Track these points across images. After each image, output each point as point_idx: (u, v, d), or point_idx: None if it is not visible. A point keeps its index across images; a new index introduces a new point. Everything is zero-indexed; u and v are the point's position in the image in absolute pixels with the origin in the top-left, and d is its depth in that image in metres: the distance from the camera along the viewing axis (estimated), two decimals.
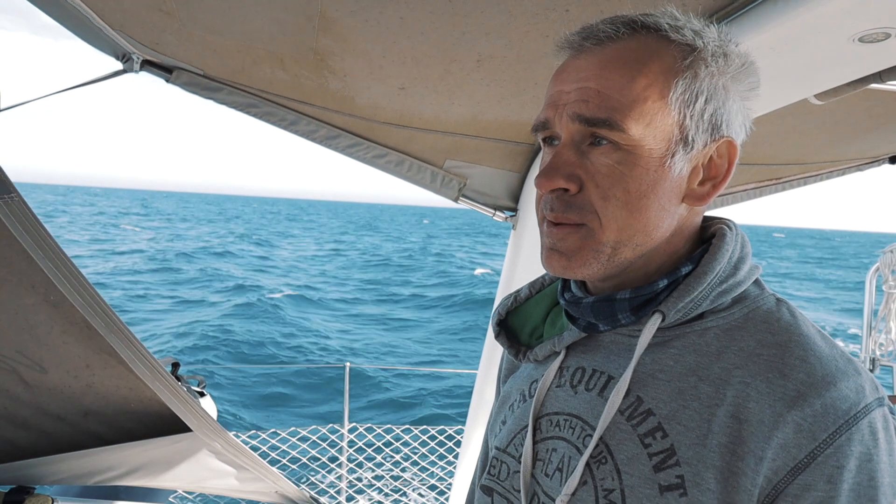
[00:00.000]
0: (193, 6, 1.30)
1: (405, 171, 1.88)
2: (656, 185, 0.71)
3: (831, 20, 1.08)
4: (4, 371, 1.72)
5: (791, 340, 0.69)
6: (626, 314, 0.76)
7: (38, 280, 1.52)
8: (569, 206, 0.72)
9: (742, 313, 0.74)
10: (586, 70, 0.72)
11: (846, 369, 0.67)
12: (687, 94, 0.71)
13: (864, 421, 0.64)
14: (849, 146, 2.30)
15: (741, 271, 0.76)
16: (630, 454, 0.70)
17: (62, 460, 1.89)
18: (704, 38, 0.72)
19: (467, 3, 1.21)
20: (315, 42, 1.40)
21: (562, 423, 0.79)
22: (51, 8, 1.36)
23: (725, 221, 0.81)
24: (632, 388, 0.74)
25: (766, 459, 0.64)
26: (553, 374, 0.84)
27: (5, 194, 1.35)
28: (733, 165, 0.76)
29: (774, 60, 1.27)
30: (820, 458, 0.62)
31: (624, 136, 0.70)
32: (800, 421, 0.63)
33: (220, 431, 1.98)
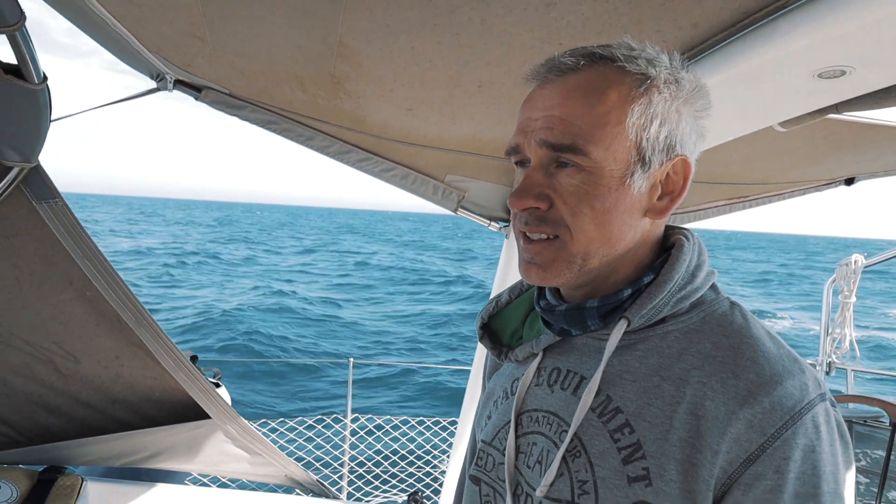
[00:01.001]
0: (225, 33, 1.33)
1: (409, 183, 1.92)
2: (618, 202, 0.74)
3: (793, 58, 1.13)
4: (41, 361, 1.74)
5: (742, 343, 0.72)
6: (594, 321, 0.78)
7: (76, 277, 1.55)
8: (542, 220, 0.75)
9: (699, 317, 0.77)
10: (550, 99, 0.74)
11: (791, 368, 0.69)
12: (642, 119, 0.73)
13: (808, 416, 0.67)
14: (809, 169, 2.36)
15: (698, 278, 0.79)
16: (601, 448, 0.72)
17: (91, 443, 1.91)
18: (657, 67, 0.75)
19: (471, 35, 1.26)
20: (333, 67, 1.44)
21: (541, 419, 0.81)
22: (93, 31, 1.39)
23: (683, 232, 0.84)
24: (602, 388, 0.76)
25: (721, 452, 0.66)
26: (532, 373, 0.86)
27: (50, 199, 1.39)
28: (688, 180, 0.79)
29: (743, 92, 1.31)
30: (769, 451, 0.65)
31: (586, 160, 0.72)
32: (750, 417, 0.66)
33: (236, 419, 2.00)
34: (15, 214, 1.40)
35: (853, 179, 2.63)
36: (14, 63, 0.95)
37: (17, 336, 1.67)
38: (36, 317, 1.64)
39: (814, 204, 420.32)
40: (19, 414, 1.84)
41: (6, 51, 0.95)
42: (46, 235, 1.42)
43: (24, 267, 1.53)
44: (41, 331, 1.68)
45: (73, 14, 1.32)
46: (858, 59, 1.13)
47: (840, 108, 1.44)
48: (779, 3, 1.10)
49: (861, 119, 1.84)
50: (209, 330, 15.72)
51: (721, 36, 1.22)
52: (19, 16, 0.87)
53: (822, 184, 2.56)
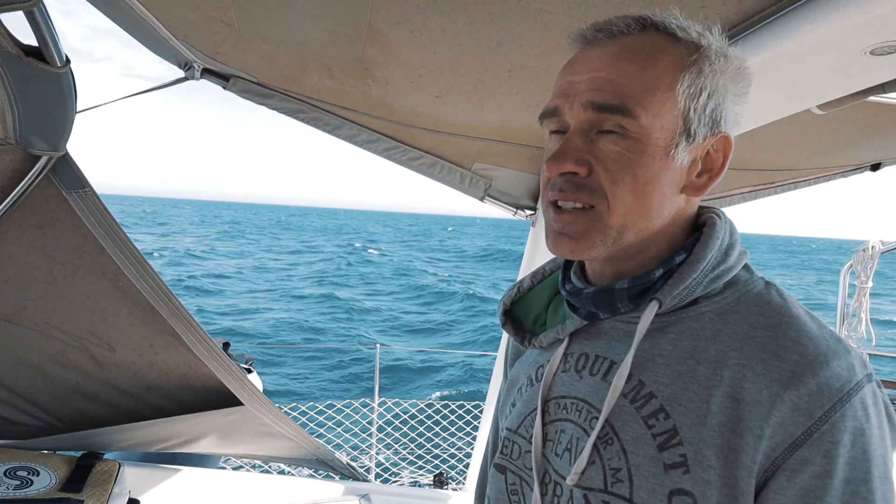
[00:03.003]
0: (253, 18, 1.24)
1: (437, 172, 1.82)
2: (660, 173, 0.68)
3: (846, 33, 1.01)
4: (77, 349, 1.69)
5: (782, 322, 0.66)
6: (624, 303, 0.72)
7: (108, 267, 1.48)
8: (579, 187, 0.68)
9: (734, 297, 0.70)
10: (598, 61, 0.68)
11: (836, 348, 0.63)
12: (692, 89, 0.67)
13: (857, 397, 0.61)
14: (838, 154, 2.22)
15: (731, 257, 0.72)
16: (635, 435, 0.67)
17: (128, 430, 1.85)
18: (708, 38, 0.69)
19: (505, 15, 1.15)
20: (361, 52, 1.34)
21: (569, 405, 0.75)
22: (122, 20, 1.31)
23: (715, 210, 0.77)
24: (633, 373, 0.70)
25: (764, 437, 0.60)
26: (559, 359, 0.80)
27: (80, 188, 1.31)
28: (728, 160, 0.72)
29: (788, 71, 1.20)
30: (816, 435, 0.59)
31: (633, 123, 0.66)
32: (796, 400, 0.60)
33: (267, 405, 1.94)
34: (45, 204, 1.33)
35: (879, 165, 2.48)
36: (34, 45, 0.86)
37: (53, 325, 1.61)
38: (70, 306, 1.57)
39: (790, 204, 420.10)
40: (57, 401, 1.78)
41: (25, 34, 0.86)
42: (77, 225, 1.35)
43: (57, 257, 1.47)
44: (76, 320, 1.62)
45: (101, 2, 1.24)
46: None
47: (886, 88, 1.32)
48: None
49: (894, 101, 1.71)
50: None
51: (769, 11, 1.11)
52: None
53: (849, 169, 2.41)
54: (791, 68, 1.18)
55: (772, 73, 1.22)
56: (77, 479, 1.63)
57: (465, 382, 10.79)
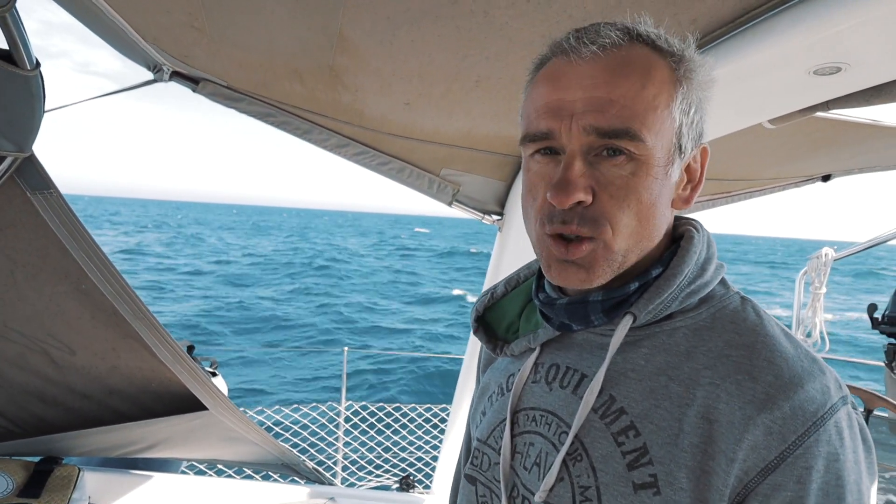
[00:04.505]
0: (224, 24, 1.27)
1: (405, 177, 1.86)
2: (661, 192, 0.66)
3: (791, 54, 1.09)
4: (36, 352, 1.67)
5: (758, 341, 0.65)
6: (598, 315, 0.70)
7: (72, 269, 1.48)
8: (582, 218, 0.64)
9: (709, 313, 0.69)
10: (593, 77, 0.63)
11: (811, 370, 0.62)
12: (684, 104, 0.66)
13: (831, 422, 0.60)
14: (790, 165, 2.34)
15: (708, 272, 0.71)
16: (604, 452, 0.65)
17: (88, 435, 1.83)
18: (689, 50, 0.68)
19: (472, 29, 1.20)
20: (332, 59, 1.38)
21: (538, 418, 0.74)
22: (90, 20, 1.32)
23: (692, 222, 0.75)
24: (605, 387, 0.68)
25: (737, 460, 0.59)
26: (528, 369, 0.78)
27: (45, 189, 1.31)
28: (705, 169, 0.72)
29: (738, 88, 1.28)
30: (790, 460, 0.58)
31: (640, 146, 0.63)
32: (769, 423, 0.59)
33: (232, 409, 1.94)
34: (8, 205, 1.32)
35: (829, 176, 2.63)
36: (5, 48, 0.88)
37: (12, 328, 1.59)
38: (31, 309, 1.56)
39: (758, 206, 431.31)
40: (15, 405, 1.76)
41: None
42: (41, 227, 1.34)
43: (19, 259, 1.46)
44: (36, 322, 1.60)
45: (69, 3, 1.24)
46: (854, 57, 1.10)
47: (831, 106, 1.41)
48: None
49: (842, 117, 1.82)
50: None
51: (719, 32, 1.18)
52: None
53: (801, 180, 2.54)
54: (742, 85, 1.26)
55: (724, 90, 1.30)
56: (35, 484, 1.61)
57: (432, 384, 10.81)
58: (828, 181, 2.64)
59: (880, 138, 1.98)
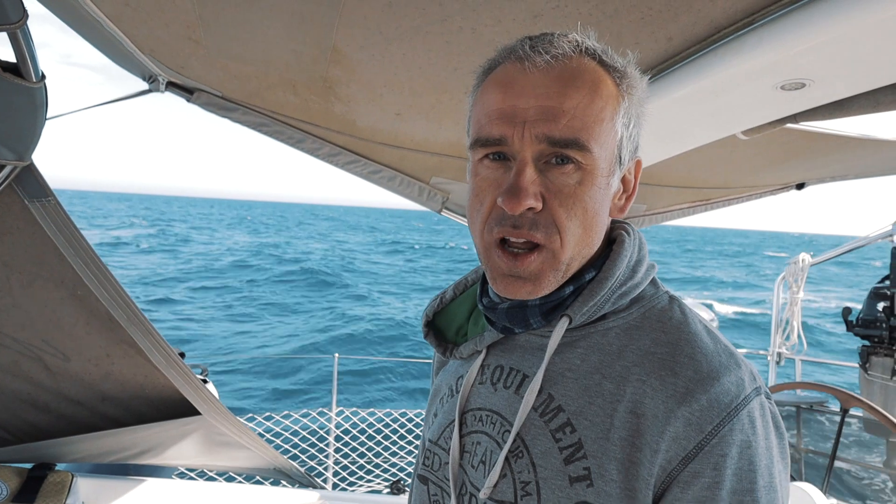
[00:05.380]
0: (221, 37, 1.31)
1: (396, 185, 1.91)
2: (604, 201, 0.69)
3: (759, 71, 1.16)
4: (30, 359, 1.68)
5: (681, 339, 0.68)
6: (536, 318, 0.73)
7: (68, 276, 1.50)
8: (534, 223, 0.66)
9: (640, 313, 0.73)
10: (545, 87, 0.65)
11: (728, 364, 0.66)
12: (626, 118, 0.69)
13: (744, 412, 0.64)
14: (765, 174, 2.42)
15: (638, 274, 0.74)
16: (543, 448, 0.68)
17: (81, 441, 1.85)
18: (630, 67, 0.70)
19: (461, 43, 1.26)
20: (325, 71, 1.42)
21: (484, 418, 0.77)
22: (87, 32, 1.35)
23: (625, 226, 0.79)
24: (544, 386, 0.71)
25: (660, 451, 0.63)
26: (476, 371, 0.81)
27: (42, 197, 1.34)
28: (638, 180, 0.76)
29: (712, 101, 1.34)
30: (707, 448, 0.62)
31: (588, 156, 0.65)
32: (688, 415, 0.63)
33: (225, 414, 1.96)
34: (6, 213, 1.35)
35: (804, 184, 2.72)
36: (12, 61, 0.91)
37: (6, 334, 1.61)
38: (25, 315, 1.58)
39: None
40: (8, 412, 1.77)
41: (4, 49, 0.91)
42: (38, 234, 1.37)
43: (15, 265, 1.48)
44: (30, 329, 1.62)
45: (66, 15, 1.28)
46: (818, 73, 1.17)
47: (798, 119, 1.48)
48: (747, 20, 1.13)
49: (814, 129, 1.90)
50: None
51: (693, 49, 1.25)
52: (22, 13, 0.84)
53: (777, 188, 2.63)
54: (715, 99, 1.33)
55: (698, 104, 1.37)
56: (29, 490, 1.62)
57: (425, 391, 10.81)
58: (802, 189, 2.74)
59: (850, 149, 2.06)
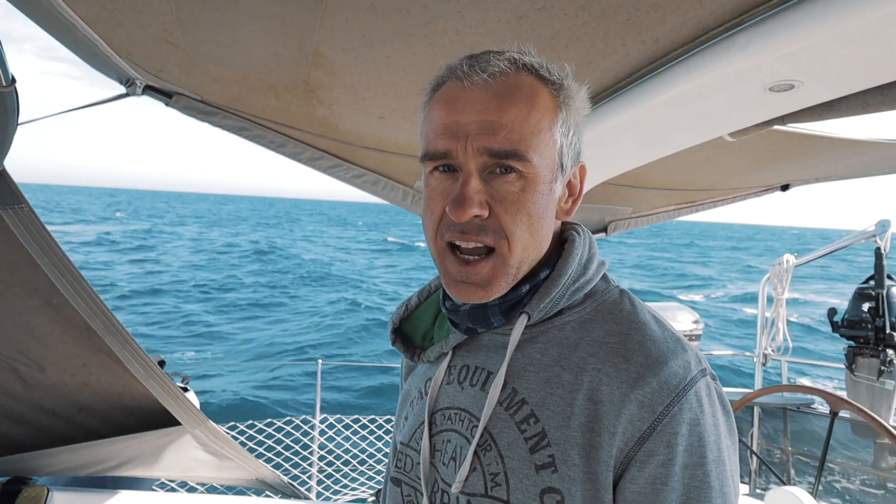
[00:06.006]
0: (199, 39, 1.28)
1: (380, 189, 1.88)
2: (547, 206, 0.74)
3: (747, 72, 1.15)
4: (4, 370, 1.63)
5: (631, 328, 0.73)
6: (497, 317, 0.77)
7: (42, 284, 1.46)
8: (482, 229, 0.71)
9: (593, 307, 0.78)
10: (484, 103, 0.70)
11: (675, 349, 0.71)
12: (564, 127, 0.74)
13: (692, 392, 0.68)
14: (751, 176, 2.43)
15: (590, 270, 0.80)
16: (510, 440, 0.72)
17: (57, 453, 1.80)
18: (567, 79, 0.75)
19: (444, 45, 1.24)
20: (307, 74, 1.40)
21: (453, 416, 0.80)
22: (62, 35, 1.31)
23: (575, 227, 0.84)
24: (507, 381, 0.75)
25: (617, 434, 0.67)
26: (443, 372, 0.84)
27: (15, 205, 1.30)
28: (584, 184, 0.81)
29: (699, 103, 1.34)
30: (659, 428, 0.66)
31: (528, 165, 0.70)
32: (641, 398, 0.67)
33: (206, 424, 1.92)
34: None
35: (788, 186, 2.74)
36: None
37: None
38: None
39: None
40: None
41: None
42: (11, 242, 1.33)
43: None
44: (3, 339, 1.57)
45: (40, 17, 1.24)
46: (806, 75, 1.16)
47: (786, 120, 1.48)
48: (735, 21, 1.12)
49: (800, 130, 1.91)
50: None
51: (681, 51, 1.24)
52: None
53: (762, 189, 2.65)
54: (703, 101, 1.32)
55: (687, 105, 1.36)
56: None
57: None
58: (787, 190, 2.75)
59: (835, 150, 2.07)
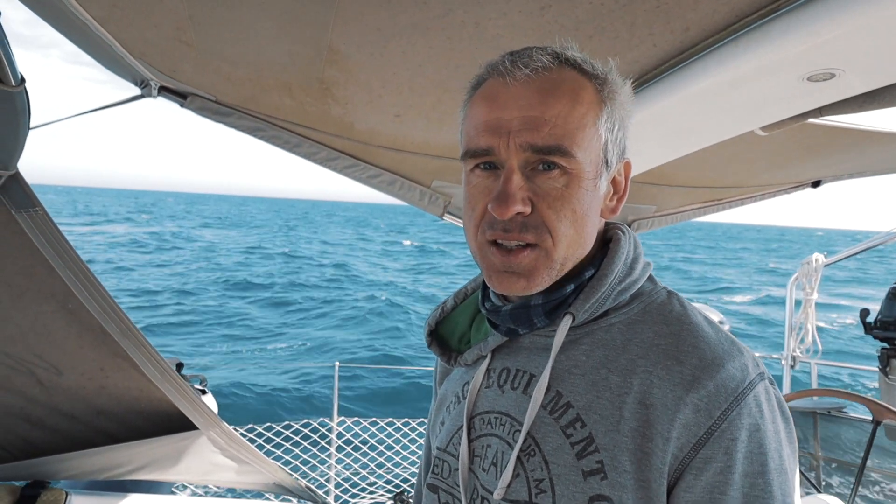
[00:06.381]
0: (213, 38, 1.25)
1: (397, 189, 1.85)
2: (592, 203, 0.72)
3: (785, 61, 1.09)
4: (22, 373, 1.63)
5: (683, 329, 0.70)
6: (540, 318, 0.75)
7: (58, 288, 1.45)
8: (524, 226, 0.70)
9: (640, 308, 0.75)
10: (526, 98, 0.69)
11: (731, 350, 0.68)
12: (609, 122, 0.72)
13: (751, 395, 0.65)
14: (781, 172, 2.35)
15: (636, 271, 0.77)
16: (555, 445, 0.70)
17: (76, 457, 1.79)
18: (611, 73, 0.74)
19: (463, 39, 1.20)
20: (321, 72, 1.36)
21: (493, 420, 0.78)
22: (76, 36, 1.30)
23: (619, 227, 0.82)
24: (551, 384, 0.73)
25: (672, 439, 0.64)
26: (482, 376, 0.82)
27: (30, 208, 1.28)
28: (629, 181, 0.79)
29: (731, 96, 1.28)
30: (717, 433, 0.63)
31: (572, 161, 0.69)
32: (697, 401, 0.64)
33: (223, 428, 1.91)
34: None
35: (819, 182, 2.64)
36: None
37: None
38: (16, 329, 1.53)
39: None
40: (1, 428, 1.72)
41: None
42: (26, 246, 1.32)
43: (3, 278, 1.43)
44: (21, 343, 1.57)
45: (53, 17, 1.23)
46: (847, 63, 1.10)
47: (823, 112, 1.41)
48: (772, 6, 1.06)
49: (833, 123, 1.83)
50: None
51: (712, 39, 1.18)
52: None
53: (792, 186, 2.56)
54: (735, 93, 1.26)
55: (718, 98, 1.30)
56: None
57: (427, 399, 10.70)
58: (818, 187, 2.66)
59: (871, 144, 1.99)
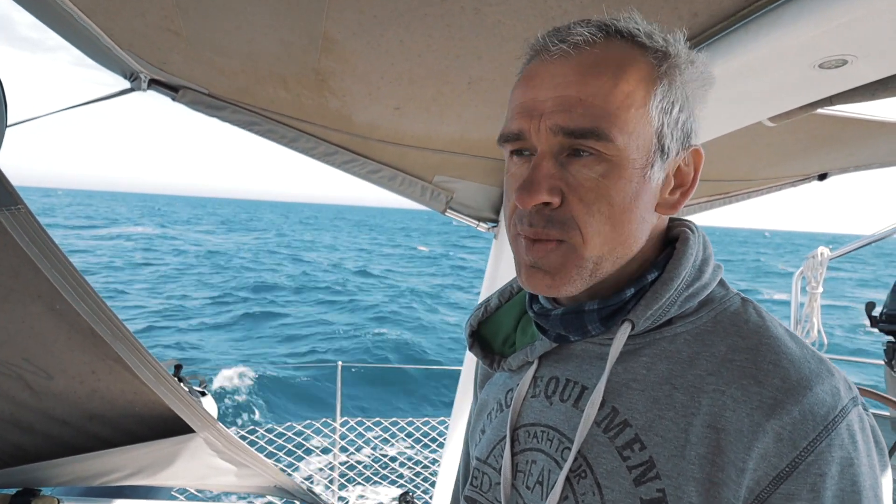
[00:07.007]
0: (201, 27, 1.21)
1: (397, 185, 1.80)
2: (638, 196, 0.63)
3: (796, 47, 1.05)
4: (10, 378, 1.59)
5: (762, 343, 0.61)
6: (595, 325, 0.67)
7: (45, 289, 1.40)
8: (549, 221, 0.62)
9: (710, 316, 0.66)
10: (563, 76, 0.62)
11: (819, 371, 0.59)
12: (665, 103, 0.63)
13: (843, 424, 0.57)
14: (788, 164, 2.31)
15: (706, 274, 0.68)
16: (609, 468, 0.62)
17: (68, 463, 1.75)
18: (676, 45, 0.65)
19: (463, 27, 1.15)
20: (317, 63, 1.32)
21: (539, 434, 0.71)
22: (61, 28, 1.25)
23: (687, 224, 0.73)
24: (606, 399, 0.65)
25: (747, 470, 0.56)
26: (527, 384, 0.75)
27: (12, 206, 1.24)
28: (699, 173, 0.69)
29: (739, 85, 1.23)
30: (802, 467, 0.55)
31: (610, 146, 0.60)
32: (779, 429, 0.56)
33: (221, 431, 1.86)
34: None
35: (826, 175, 2.60)
36: None
37: None
38: (3, 332, 1.48)
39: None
40: None
41: None
42: (10, 245, 1.27)
43: None
44: (8, 346, 1.52)
45: (36, 8, 1.18)
46: (861, 48, 1.06)
47: (834, 101, 1.37)
48: None
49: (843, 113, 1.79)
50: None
51: (721, 26, 1.14)
52: None
53: (798, 179, 2.51)
54: (743, 82, 1.21)
55: (725, 87, 1.26)
56: None
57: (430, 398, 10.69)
58: (824, 180, 2.61)
59: (881, 134, 1.95)
